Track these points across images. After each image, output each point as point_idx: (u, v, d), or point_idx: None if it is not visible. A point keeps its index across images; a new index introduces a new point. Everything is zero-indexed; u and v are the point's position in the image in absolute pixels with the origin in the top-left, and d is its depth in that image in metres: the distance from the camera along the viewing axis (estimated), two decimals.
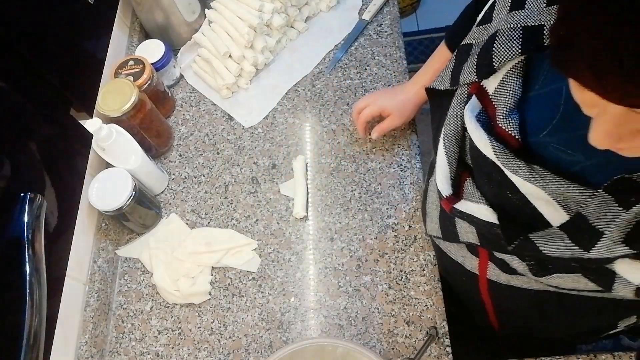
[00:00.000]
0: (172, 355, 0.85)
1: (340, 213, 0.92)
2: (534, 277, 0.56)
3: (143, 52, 1.04)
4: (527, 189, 0.49)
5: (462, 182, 0.59)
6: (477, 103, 0.55)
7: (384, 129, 0.92)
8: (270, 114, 1.05)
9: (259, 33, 1.05)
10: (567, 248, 0.47)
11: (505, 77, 0.51)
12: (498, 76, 0.52)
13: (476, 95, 0.55)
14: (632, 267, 0.45)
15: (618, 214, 0.42)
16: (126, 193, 0.84)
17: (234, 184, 0.99)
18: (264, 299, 0.87)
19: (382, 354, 0.79)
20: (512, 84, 0.51)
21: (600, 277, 0.49)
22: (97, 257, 0.90)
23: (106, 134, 0.86)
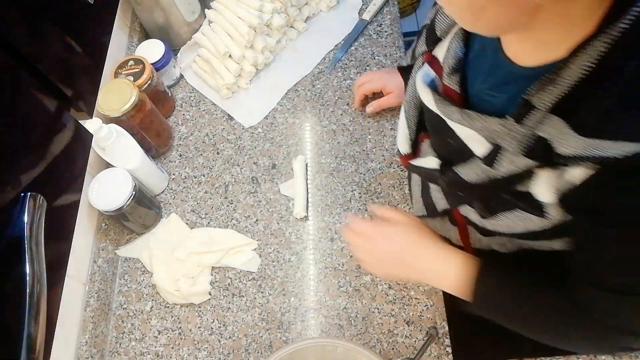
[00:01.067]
0: (172, 355, 0.85)
1: (340, 213, 0.92)
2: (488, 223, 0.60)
3: (143, 52, 1.04)
4: (462, 131, 0.56)
5: (420, 143, 0.68)
6: (428, 69, 0.63)
7: (382, 105, 0.97)
8: (270, 114, 1.06)
9: (259, 33, 1.05)
10: (482, 171, 0.54)
11: (450, 43, 0.60)
12: (444, 44, 0.61)
13: (428, 63, 0.63)
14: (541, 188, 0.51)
15: (513, 128, 0.49)
16: (126, 193, 0.84)
17: (234, 184, 0.99)
18: (264, 299, 0.87)
19: (382, 354, 0.79)
20: (454, 47, 0.59)
21: (531, 205, 0.53)
22: (97, 257, 0.90)
23: (106, 134, 0.86)
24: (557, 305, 0.59)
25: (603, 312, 0.54)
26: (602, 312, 0.54)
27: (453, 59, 0.59)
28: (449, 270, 0.66)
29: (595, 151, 0.44)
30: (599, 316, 0.55)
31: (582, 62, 0.44)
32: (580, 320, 0.57)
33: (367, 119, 1.02)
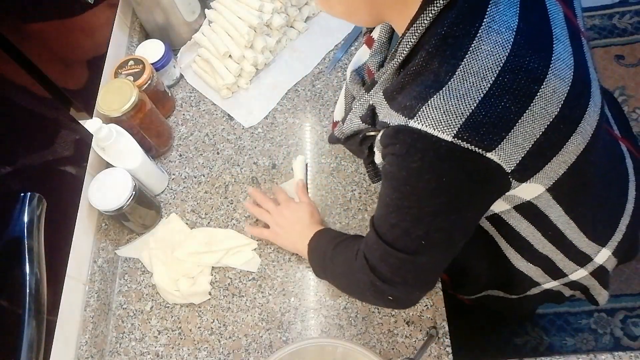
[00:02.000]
0: (172, 355, 0.85)
1: (340, 213, 0.92)
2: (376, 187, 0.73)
3: (143, 52, 1.04)
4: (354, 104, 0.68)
5: None
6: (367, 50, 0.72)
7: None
8: (270, 114, 1.05)
9: (259, 33, 1.05)
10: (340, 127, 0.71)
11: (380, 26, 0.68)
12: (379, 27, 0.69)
13: (366, 43, 0.73)
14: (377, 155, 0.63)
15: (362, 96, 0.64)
16: (126, 193, 0.84)
17: (234, 184, 0.99)
18: (264, 299, 0.87)
19: (382, 354, 0.79)
20: (381, 31, 0.68)
21: None
22: (97, 257, 0.90)
23: (106, 134, 0.86)
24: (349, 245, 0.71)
25: (370, 250, 0.63)
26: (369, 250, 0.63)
27: (377, 43, 0.69)
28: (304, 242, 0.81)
29: (387, 117, 0.55)
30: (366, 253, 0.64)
31: (401, 49, 0.54)
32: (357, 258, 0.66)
33: None
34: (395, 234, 0.59)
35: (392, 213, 0.58)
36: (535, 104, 0.48)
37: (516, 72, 0.48)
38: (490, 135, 0.48)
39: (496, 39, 0.48)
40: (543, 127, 0.49)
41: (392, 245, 0.59)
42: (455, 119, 0.48)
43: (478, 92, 0.48)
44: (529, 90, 0.48)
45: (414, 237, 0.57)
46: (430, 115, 0.49)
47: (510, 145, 0.49)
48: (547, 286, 0.80)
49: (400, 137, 0.52)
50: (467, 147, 0.48)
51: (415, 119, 0.50)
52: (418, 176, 0.53)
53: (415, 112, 0.50)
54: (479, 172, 0.51)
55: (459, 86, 0.48)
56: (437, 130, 0.49)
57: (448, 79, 0.49)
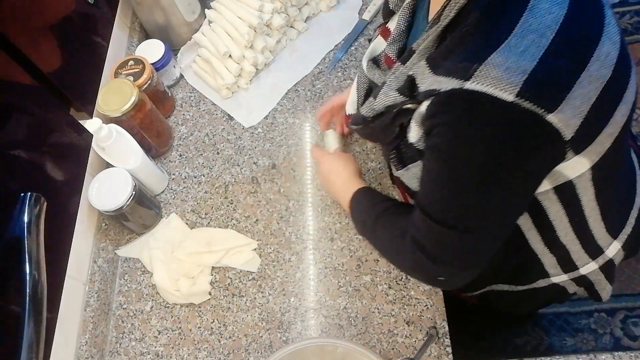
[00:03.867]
0: (172, 355, 0.85)
1: (340, 213, 0.92)
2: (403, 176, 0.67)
3: (143, 52, 1.04)
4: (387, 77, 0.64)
5: None
6: (382, 41, 0.72)
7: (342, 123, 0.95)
8: (270, 114, 1.05)
9: (259, 33, 1.05)
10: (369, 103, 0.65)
11: (398, 17, 0.68)
12: (396, 16, 0.69)
13: (381, 34, 0.72)
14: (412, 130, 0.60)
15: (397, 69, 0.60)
16: (126, 193, 0.84)
17: (234, 184, 0.99)
18: (264, 299, 0.87)
19: (382, 354, 0.79)
20: (400, 20, 0.67)
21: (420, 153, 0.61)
22: (97, 257, 0.90)
23: (106, 134, 0.86)
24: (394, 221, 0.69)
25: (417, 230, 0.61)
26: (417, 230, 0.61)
27: (396, 31, 0.68)
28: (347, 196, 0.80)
29: (434, 84, 0.52)
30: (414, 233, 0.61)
31: (447, 13, 0.52)
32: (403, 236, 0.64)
33: None
34: (448, 211, 0.57)
35: (444, 189, 0.56)
36: (592, 65, 0.48)
37: (573, 32, 0.47)
38: (552, 95, 0.47)
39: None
40: (598, 91, 0.49)
41: (445, 224, 0.57)
42: (517, 76, 0.46)
43: (538, 49, 0.46)
44: (586, 51, 0.48)
45: (470, 213, 0.55)
46: (490, 74, 0.47)
47: (569, 108, 0.47)
48: (555, 280, 0.79)
49: (455, 102, 0.50)
50: (528, 107, 0.46)
51: (472, 80, 0.47)
52: (474, 144, 0.50)
53: (472, 72, 0.48)
54: (538, 137, 0.49)
55: (519, 43, 0.47)
56: (498, 89, 0.46)
57: (506, 36, 0.47)
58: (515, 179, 0.53)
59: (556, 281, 0.80)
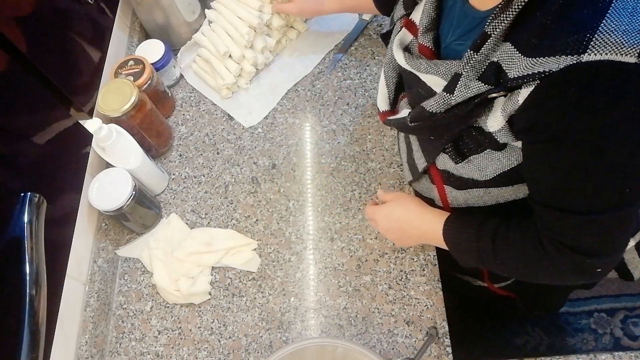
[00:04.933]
0: (172, 355, 0.85)
1: (340, 213, 0.92)
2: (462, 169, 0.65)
3: (143, 52, 1.04)
4: (430, 80, 0.62)
5: (398, 103, 0.74)
6: (405, 34, 0.68)
7: (281, 9, 1.02)
8: (270, 114, 1.06)
9: (259, 33, 1.05)
10: (441, 98, 0.59)
11: (425, 5, 0.64)
12: (420, 7, 0.66)
13: (405, 26, 0.68)
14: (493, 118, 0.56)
15: (471, 57, 0.54)
16: (126, 193, 0.84)
17: (234, 184, 0.99)
18: (264, 299, 0.87)
19: (382, 354, 0.79)
20: (428, 9, 0.64)
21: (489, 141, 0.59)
22: (97, 257, 0.90)
23: (106, 134, 0.86)
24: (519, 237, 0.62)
25: (559, 232, 0.56)
26: (558, 232, 0.57)
27: (426, 19, 0.64)
28: (436, 230, 0.72)
29: (536, 67, 0.49)
30: (556, 236, 0.57)
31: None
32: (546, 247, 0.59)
33: (367, 118, 1.02)
34: (592, 197, 0.53)
35: (578, 176, 0.52)
36: None
37: None
38: None
39: None
40: None
41: (591, 212, 0.53)
42: (636, 36, 0.45)
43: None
44: None
45: (616, 190, 0.52)
46: (608, 40, 0.45)
47: None
48: None
49: (574, 80, 0.47)
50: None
51: (589, 51, 0.45)
52: (605, 118, 0.48)
53: (587, 44, 0.45)
54: None
55: (625, 5, 0.46)
56: (620, 54, 0.45)
57: (609, 1, 0.46)
58: None
59: None
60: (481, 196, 0.69)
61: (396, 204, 0.78)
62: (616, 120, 0.48)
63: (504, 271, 0.69)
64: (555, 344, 1.39)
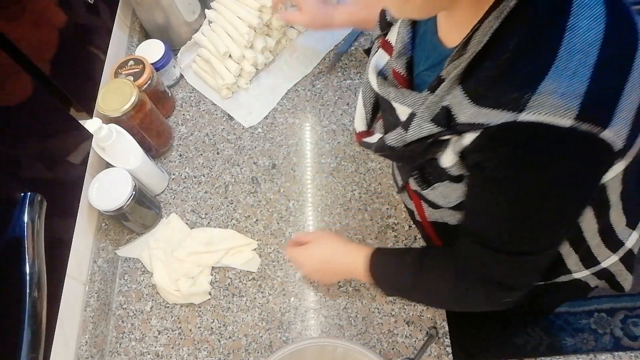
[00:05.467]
0: (172, 355, 0.85)
1: (340, 213, 0.92)
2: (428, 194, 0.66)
3: (143, 52, 1.04)
4: (399, 108, 0.63)
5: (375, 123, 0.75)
6: (382, 55, 0.69)
7: (288, 19, 0.96)
8: (270, 114, 1.05)
9: (259, 33, 1.05)
10: (399, 134, 0.61)
11: (399, 27, 0.65)
12: (395, 28, 0.66)
13: (382, 47, 0.69)
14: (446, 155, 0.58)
15: (426, 98, 0.56)
16: (126, 193, 0.84)
17: (234, 184, 0.99)
18: (264, 299, 0.87)
19: (382, 354, 0.79)
20: (402, 32, 0.65)
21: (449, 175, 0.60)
22: (97, 257, 0.90)
23: (106, 134, 0.86)
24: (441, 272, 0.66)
25: (476, 263, 0.59)
26: (475, 263, 0.59)
27: (400, 44, 0.65)
28: (359, 265, 0.74)
29: (479, 118, 0.50)
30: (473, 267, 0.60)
31: (479, 38, 0.50)
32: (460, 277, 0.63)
33: None
34: (512, 240, 0.56)
35: (509, 218, 0.55)
36: (633, 73, 0.48)
37: (614, 45, 0.47)
38: (605, 111, 0.47)
39: (589, 13, 0.47)
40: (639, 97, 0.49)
41: (510, 252, 0.57)
42: (573, 100, 0.46)
43: (586, 68, 0.46)
44: (627, 61, 0.48)
45: (536, 237, 0.56)
46: (545, 102, 0.46)
47: (620, 120, 0.48)
48: (576, 275, 0.79)
49: (510, 136, 0.49)
50: (585, 129, 0.46)
51: (526, 111, 0.47)
52: (537, 174, 0.50)
53: (524, 104, 0.47)
54: (595, 155, 0.50)
55: (567, 65, 0.46)
56: (556, 116, 0.46)
57: (552, 61, 0.46)
58: (578, 196, 0.54)
59: (578, 277, 0.79)
60: (454, 214, 0.69)
61: (318, 244, 0.80)
62: (546, 178, 0.50)
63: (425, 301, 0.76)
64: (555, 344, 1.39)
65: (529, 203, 0.53)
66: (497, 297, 0.62)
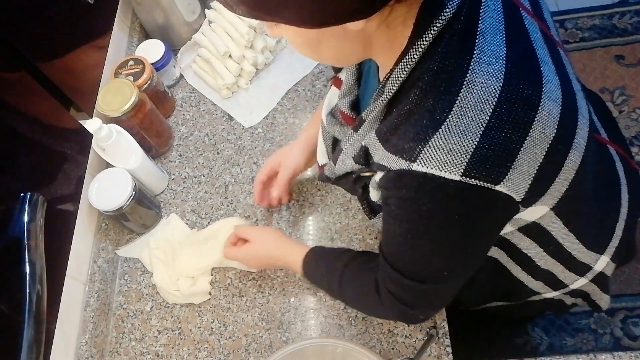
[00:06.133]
0: (172, 355, 0.85)
1: (340, 213, 0.92)
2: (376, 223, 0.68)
3: (143, 52, 1.04)
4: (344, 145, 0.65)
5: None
6: (335, 90, 0.71)
7: (280, 181, 0.86)
8: (270, 114, 1.05)
9: (259, 33, 1.05)
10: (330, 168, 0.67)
11: (346, 69, 0.68)
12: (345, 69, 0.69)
13: (334, 84, 0.72)
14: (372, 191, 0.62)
15: (351, 136, 0.61)
16: (126, 193, 0.84)
17: (234, 184, 0.99)
18: (264, 299, 0.87)
19: (382, 354, 0.79)
20: (348, 73, 0.68)
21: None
22: (97, 257, 0.90)
23: (106, 134, 0.86)
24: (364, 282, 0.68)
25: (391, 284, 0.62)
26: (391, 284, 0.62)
27: (346, 85, 0.68)
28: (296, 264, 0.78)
29: (384, 161, 0.53)
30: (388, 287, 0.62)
31: (389, 85, 0.52)
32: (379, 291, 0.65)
33: None
34: (415, 269, 0.59)
35: (408, 251, 0.58)
36: (535, 129, 0.48)
37: (512, 102, 0.47)
38: (497, 168, 0.47)
39: (488, 69, 0.47)
40: (544, 151, 0.49)
41: (414, 279, 0.59)
42: (460, 157, 0.47)
43: (478, 126, 0.47)
44: (526, 118, 0.48)
45: (435, 270, 0.58)
46: (433, 157, 0.48)
47: (517, 175, 0.48)
48: (548, 295, 0.80)
49: (405, 182, 0.51)
50: (475, 183, 0.47)
51: (418, 162, 0.49)
52: (430, 217, 0.52)
53: (417, 155, 0.49)
54: (490, 205, 0.51)
55: (459, 122, 0.47)
56: (443, 171, 0.47)
57: (445, 116, 0.47)
58: (474, 239, 0.56)
59: (549, 297, 0.80)
60: None
61: (258, 244, 0.82)
62: (435, 223, 0.53)
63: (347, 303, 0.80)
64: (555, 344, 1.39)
65: (422, 240, 0.55)
66: (410, 315, 0.65)
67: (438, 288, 0.60)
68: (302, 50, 0.56)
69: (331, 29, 0.46)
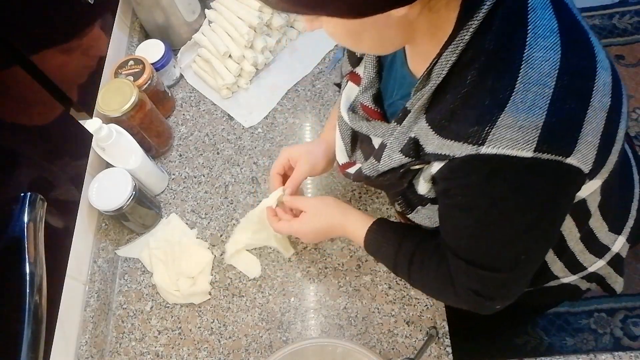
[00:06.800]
0: (172, 355, 0.85)
1: None
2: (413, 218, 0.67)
3: (143, 52, 1.04)
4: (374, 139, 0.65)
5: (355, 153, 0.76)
6: (352, 86, 0.70)
7: (295, 180, 0.82)
8: (270, 114, 1.05)
9: (259, 33, 1.05)
10: (372, 165, 0.63)
11: (365, 62, 0.66)
12: (363, 62, 0.67)
13: (350, 80, 0.70)
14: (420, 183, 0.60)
15: (395, 129, 0.58)
16: (126, 193, 0.84)
17: (234, 184, 0.99)
18: (264, 299, 0.87)
19: (382, 354, 0.79)
20: (369, 66, 0.66)
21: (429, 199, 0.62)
22: (97, 257, 0.90)
23: (106, 134, 0.86)
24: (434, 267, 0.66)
25: (464, 276, 0.61)
26: (463, 276, 0.61)
27: (366, 78, 0.66)
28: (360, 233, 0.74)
29: (444, 149, 0.52)
30: (462, 279, 0.61)
31: (439, 71, 0.50)
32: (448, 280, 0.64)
33: None
34: (490, 259, 0.58)
35: (481, 241, 0.57)
36: (594, 99, 0.48)
37: (572, 73, 0.47)
38: (566, 140, 0.48)
39: (545, 43, 0.47)
40: (604, 120, 0.50)
41: (490, 269, 0.58)
42: (531, 133, 0.46)
43: (544, 100, 0.47)
44: (586, 88, 0.48)
45: (512, 256, 0.57)
46: (503, 136, 0.47)
47: (584, 146, 0.48)
48: (565, 280, 0.80)
49: (473, 168, 0.50)
50: (548, 157, 0.47)
51: (487, 144, 0.48)
52: (504, 200, 0.51)
53: (485, 137, 0.48)
54: (562, 179, 0.50)
55: (524, 98, 0.47)
56: (515, 149, 0.47)
57: (509, 94, 0.47)
58: (550, 216, 0.55)
59: (566, 281, 0.80)
60: None
61: (316, 214, 0.77)
62: (512, 205, 0.52)
63: (414, 286, 0.76)
64: (555, 344, 1.39)
65: (497, 227, 0.55)
66: (486, 305, 0.64)
67: (515, 275, 0.59)
68: (343, 40, 0.54)
69: (374, 18, 0.45)
